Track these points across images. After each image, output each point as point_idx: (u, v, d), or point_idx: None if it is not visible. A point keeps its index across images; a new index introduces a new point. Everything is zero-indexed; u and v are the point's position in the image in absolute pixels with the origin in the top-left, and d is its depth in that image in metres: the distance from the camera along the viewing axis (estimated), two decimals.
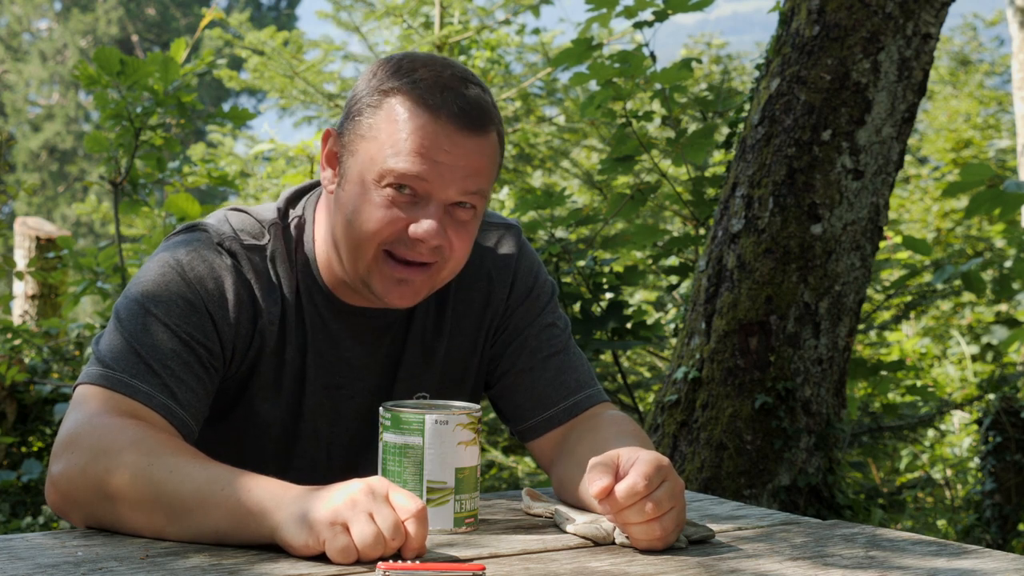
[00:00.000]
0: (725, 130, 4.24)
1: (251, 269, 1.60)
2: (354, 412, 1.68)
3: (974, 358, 7.12)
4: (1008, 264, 4.23)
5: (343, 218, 1.56)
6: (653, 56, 3.87)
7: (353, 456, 1.69)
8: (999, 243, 8.30)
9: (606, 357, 4.29)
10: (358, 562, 1.27)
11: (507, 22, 7.27)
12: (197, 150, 8.57)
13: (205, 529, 1.35)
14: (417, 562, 1.24)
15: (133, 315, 1.54)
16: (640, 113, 4.02)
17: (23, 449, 4.40)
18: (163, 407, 1.50)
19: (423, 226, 1.52)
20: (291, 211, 1.68)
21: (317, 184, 1.71)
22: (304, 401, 1.65)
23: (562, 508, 1.53)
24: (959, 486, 5.35)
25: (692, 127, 4.33)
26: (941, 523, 4.71)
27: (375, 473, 1.50)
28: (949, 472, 5.41)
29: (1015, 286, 4.34)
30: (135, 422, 1.45)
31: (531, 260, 1.78)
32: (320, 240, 1.64)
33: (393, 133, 1.52)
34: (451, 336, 1.72)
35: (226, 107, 4.59)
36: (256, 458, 1.63)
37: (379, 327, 1.67)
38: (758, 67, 3.49)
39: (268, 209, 1.67)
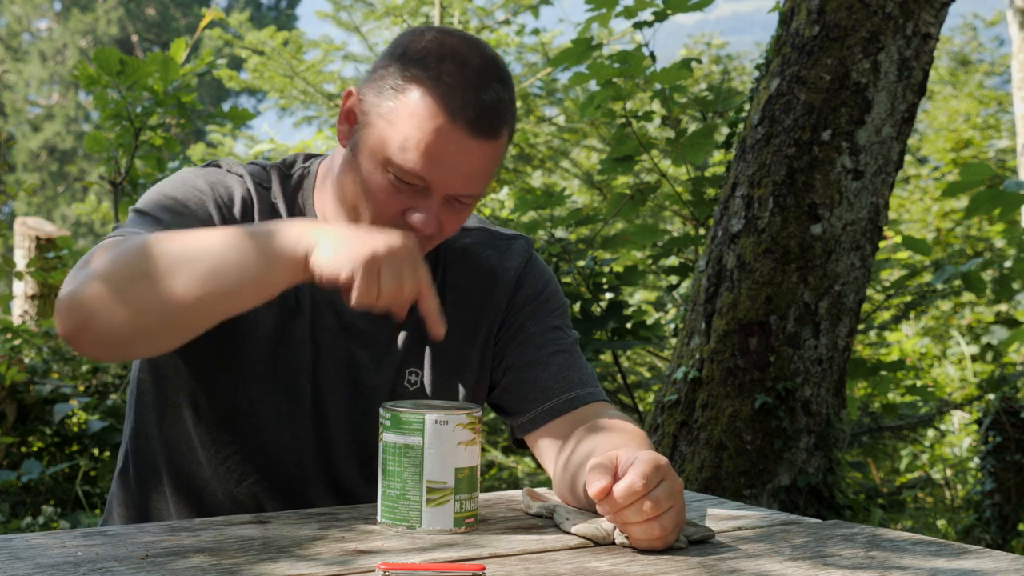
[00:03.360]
0: (725, 130, 4.24)
1: (257, 195, 1.67)
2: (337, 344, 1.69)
3: (974, 358, 7.12)
4: (1008, 264, 4.24)
5: (347, 179, 1.62)
6: (653, 56, 3.88)
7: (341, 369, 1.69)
8: (999, 243, 8.31)
9: (606, 357, 4.29)
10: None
11: (507, 22, 7.27)
12: (197, 150, 8.57)
13: (241, 267, 1.41)
14: (417, 561, 1.24)
15: (147, 200, 1.61)
16: (640, 113, 4.02)
17: (23, 449, 4.40)
18: None
19: (419, 219, 1.57)
20: (297, 163, 1.73)
21: (324, 156, 1.75)
22: (299, 312, 1.66)
23: (562, 508, 1.53)
24: (959, 486, 5.35)
25: (692, 127, 4.33)
26: (941, 523, 4.71)
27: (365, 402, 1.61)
28: (949, 472, 5.41)
29: (1015, 286, 4.34)
30: None
31: (543, 269, 1.80)
32: (319, 189, 1.70)
33: (407, 127, 1.54)
34: (449, 326, 1.72)
35: (226, 107, 4.59)
36: (243, 357, 1.64)
37: None
38: (758, 67, 3.50)
39: (273, 163, 1.74)
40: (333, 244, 1.39)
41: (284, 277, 1.42)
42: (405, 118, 1.54)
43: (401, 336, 1.70)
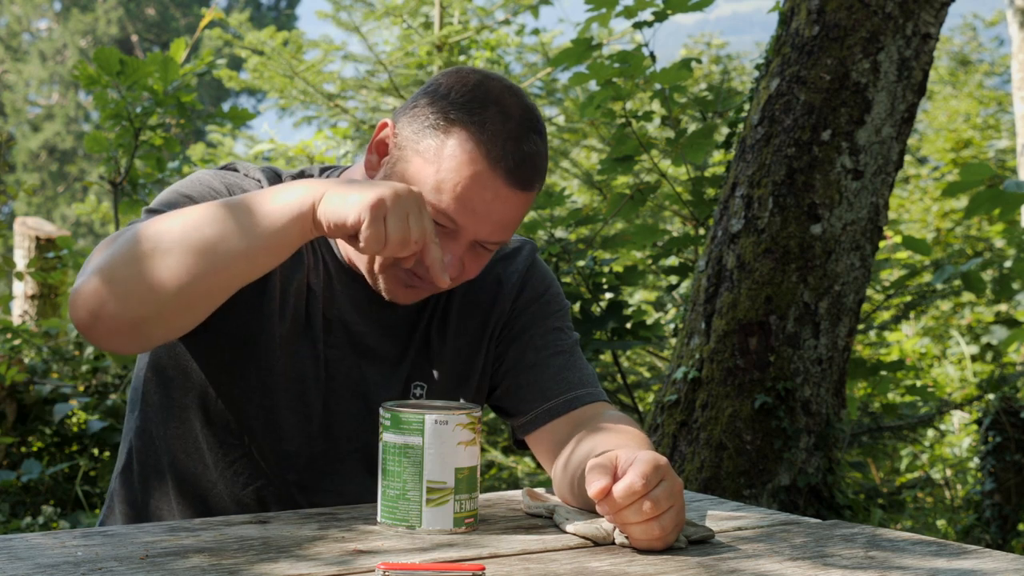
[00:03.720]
0: (725, 130, 4.24)
1: None
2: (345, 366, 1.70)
3: (974, 358, 7.12)
4: (1008, 264, 4.24)
5: None
6: (653, 56, 3.88)
7: (344, 374, 1.69)
8: (999, 243, 8.31)
9: (606, 357, 4.29)
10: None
11: (507, 22, 7.27)
12: (197, 150, 8.57)
13: (248, 229, 1.41)
14: (417, 561, 1.24)
15: (161, 198, 1.61)
16: (640, 113, 4.02)
17: (23, 449, 4.40)
18: None
19: (445, 261, 1.55)
20: (314, 176, 1.72)
21: (343, 168, 1.74)
22: (311, 328, 1.66)
23: (562, 508, 1.53)
24: (959, 486, 5.35)
25: (692, 127, 4.33)
26: (941, 523, 4.71)
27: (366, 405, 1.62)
28: (949, 472, 5.41)
29: (1015, 286, 4.34)
30: None
31: (545, 272, 1.81)
32: None
33: (445, 169, 1.54)
34: (455, 336, 1.73)
35: (226, 107, 4.59)
36: (258, 368, 1.64)
37: (381, 301, 1.67)
38: (758, 67, 3.49)
39: (289, 172, 1.73)
40: (338, 192, 1.40)
41: (294, 233, 1.42)
42: (444, 159, 1.54)
43: (409, 352, 1.71)
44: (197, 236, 1.42)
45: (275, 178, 1.69)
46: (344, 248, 1.68)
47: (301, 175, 1.71)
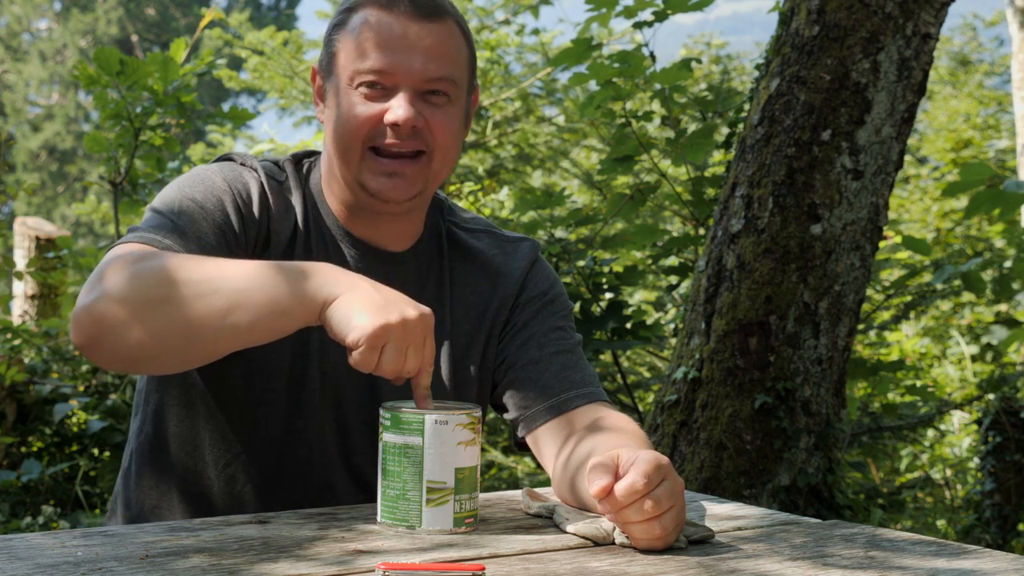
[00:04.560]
0: (725, 130, 4.24)
1: (271, 190, 1.69)
2: None
3: (974, 358, 7.12)
4: (1008, 264, 4.24)
5: (331, 131, 1.67)
6: (653, 56, 3.88)
7: (342, 373, 1.69)
8: (999, 243, 8.31)
9: (606, 357, 4.29)
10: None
11: (507, 22, 7.27)
12: (197, 150, 8.58)
13: (261, 305, 1.41)
14: (417, 561, 1.24)
15: (165, 198, 1.62)
16: (640, 113, 4.02)
17: (23, 449, 4.40)
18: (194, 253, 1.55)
19: (395, 111, 1.61)
20: (305, 160, 1.77)
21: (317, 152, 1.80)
22: (312, 331, 1.66)
23: (562, 508, 1.53)
24: (959, 486, 5.35)
25: (692, 127, 4.33)
26: (941, 523, 4.71)
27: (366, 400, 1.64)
28: (949, 472, 5.41)
29: (1015, 286, 4.34)
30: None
31: (548, 271, 1.81)
32: (324, 171, 1.73)
33: (356, 38, 1.63)
34: (454, 325, 1.73)
35: (226, 107, 4.59)
36: (258, 369, 1.65)
37: (385, 272, 1.67)
38: (758, 67, 3.49)
39: (283, 158, 1.78)
40: (349, 305, 1.40)
41: (299, 320, 1.44)
42: (351, 33, 1.63)
43: None
44: (204, 304, 1.42)
45: (272, 166, 1.72)
46: (331, 199, 1.71)
47: (296, 161, 1.75)
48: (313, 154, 1.79)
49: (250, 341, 1.47)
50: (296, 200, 1.70)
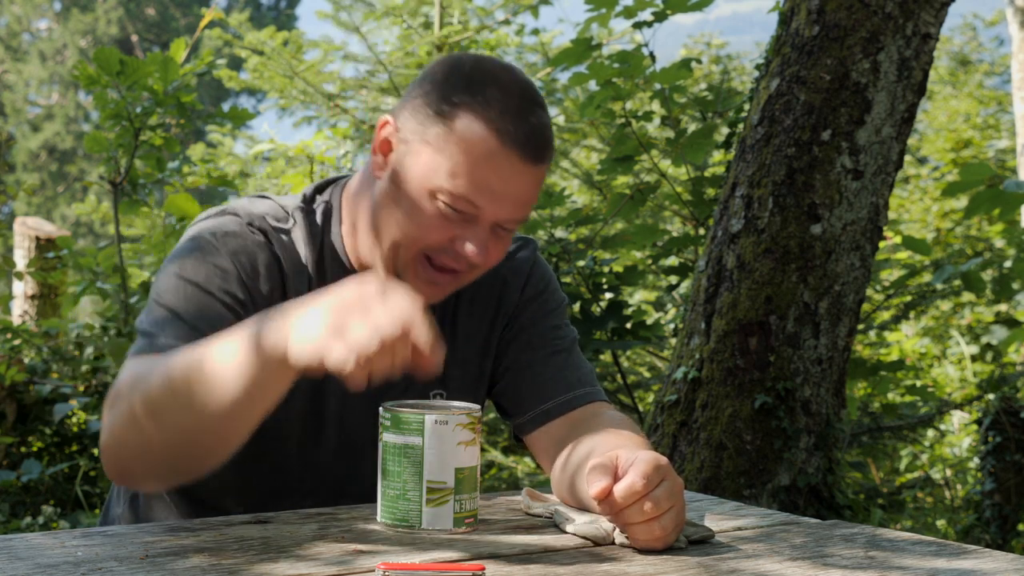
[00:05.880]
0: (725, 130, 4.24)
1: (280, 247, 1.62)
2: (367, 398, 1.68)
3: (974, 358, 7.12)
4: (1008, 264, 4.24)
5: (387, 212, 1.57)
6: (653, 56, 3.87)
7: (362, 434, 1.68)
8: (999, 243, 8.30)
9: (606, 357, 4.29)
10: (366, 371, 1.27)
11: (506, 22, 7.27)
12: (197, 150, 8.58)
13: (235, 378, 1.36)
14: (417, 561, 1.24)
15: (170, 287, 1.56)
16: (640, 113, 4.02)
17: (23, 449, 4.40)
18: None
19: (470, 246, 1.54)
20: (317, 197, 1.69)
21: (340, 177, 1.72)
22: (325, 384, 1.64)
23: (562, 508, 1.53)
24: (959, 486, 5.35)
25: (692, 127, 4.33)
26: (941, 523, 4.71)
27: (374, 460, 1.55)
28: (949, 472, 5.41)
29: (1015, 286, 4.34)
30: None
31: (545, 269, 1.81)
32: (347, 224, 1.65)
33: (457, 153, 1.52)
34: (465, 339, 1.73)
35: (226, 107, 4.59)
36: (278, 431, 1.63)
37: None
38: (758, 67, 3.49)
39: (292, 198, 1.69)
40: (299, 336, 1.31)
41: (275, 381, 1.37)
42: (455, 143, 1.52)
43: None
44: (201, 402, 1.39)
45: (279, 211, 1.64)
46: (352, 253, 1.65)
47: (307, 203, 1.67)
48: (323, 189, 1.70)
49: (253, 413, 1.42)
50: (308, 254, 1.63)
